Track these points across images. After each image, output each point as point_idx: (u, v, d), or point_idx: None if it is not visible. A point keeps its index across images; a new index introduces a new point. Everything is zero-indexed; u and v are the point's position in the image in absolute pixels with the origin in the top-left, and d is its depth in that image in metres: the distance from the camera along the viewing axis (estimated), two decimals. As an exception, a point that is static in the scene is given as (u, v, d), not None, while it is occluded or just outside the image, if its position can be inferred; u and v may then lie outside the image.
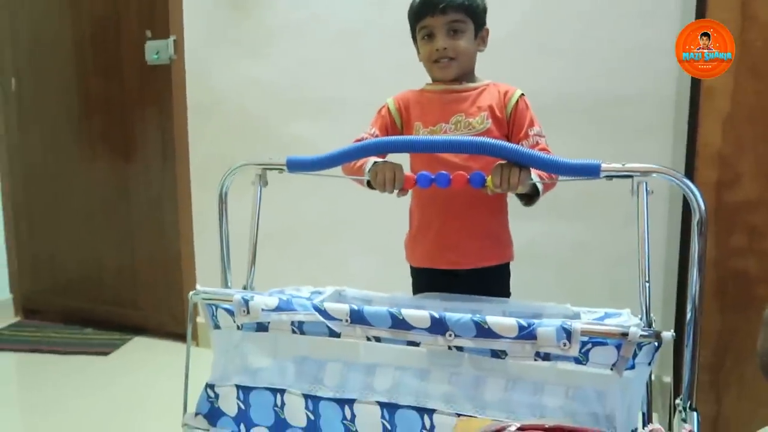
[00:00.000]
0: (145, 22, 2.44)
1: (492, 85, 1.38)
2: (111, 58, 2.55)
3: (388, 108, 1.41)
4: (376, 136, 1.38)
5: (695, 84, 1.63)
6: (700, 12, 1.61)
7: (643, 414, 1.03)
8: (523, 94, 1.36)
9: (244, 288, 1.29)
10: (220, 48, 2.33)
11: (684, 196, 1.04)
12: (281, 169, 1.24)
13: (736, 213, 1.47)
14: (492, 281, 1.40)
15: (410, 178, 1.20)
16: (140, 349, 2.54)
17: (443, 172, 1.15)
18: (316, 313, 0.99)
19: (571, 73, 1.92)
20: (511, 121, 1.34)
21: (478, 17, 1.35)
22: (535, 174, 1.19)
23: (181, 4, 2.34)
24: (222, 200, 1.28)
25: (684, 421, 1.01)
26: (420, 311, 0.95)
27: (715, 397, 1.54)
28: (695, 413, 1.01)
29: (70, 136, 2.69)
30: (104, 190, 2.67)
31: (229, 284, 1.29)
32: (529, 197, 1.28)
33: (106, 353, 2.48)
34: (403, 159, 1.28)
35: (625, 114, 1.88)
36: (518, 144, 1.26)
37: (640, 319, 1.06)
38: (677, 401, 1.04)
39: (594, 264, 1.97)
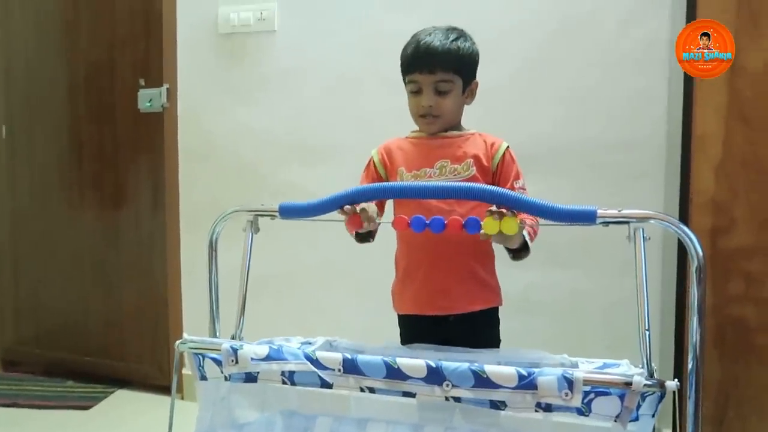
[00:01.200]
0: (139, 71, 2.46)
1: (478, 135, 1.38)
2: (104, 105, 2.55)
3: (373, 161, 1.42)
4: None
5: (686, 131, 1.64)
6: (688, 61, 1.63)
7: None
8: (509, 147, 1.36)
9: (233, 338, 1.26)
10: (214, 95, 2.35)
11: (679, 242, 1.03)
12: (273, 215, 1.22)
13: (732, 260, 1.47)
14: (481, 327, 1.37)
15: (403, 220, 1.18)
16: (123, 403, 2.46)
17: (438, 216, 1.14)
18: (308, 363, 0.96)
19: (564, 120, 1.94)
20: (497, 173, 1.34)
21: (466, 74, 1.36)
22: (527, 234, 1.19)
23: (175, 53, 2.37)
24: (212, 247, 1.26)
25: (689, 476, 0.98)
26: (416, 360, 0.92)
27: (718, 450, 1.50)
28: (700, 467, 0.97)
29: (60, 182, 2.67)
30: (92, 237, 2.63)
31: (218, 334, 1.26)
32: (518, 251, 1.27)
33: (86, 407, 2.39)
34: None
35: (617, 160, 1.89)
36: None
37: (641, 369, 1.04)
38: (681, 455, 1.00)
39: (590, 312, 1.94)
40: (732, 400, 1.47)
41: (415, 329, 1.37)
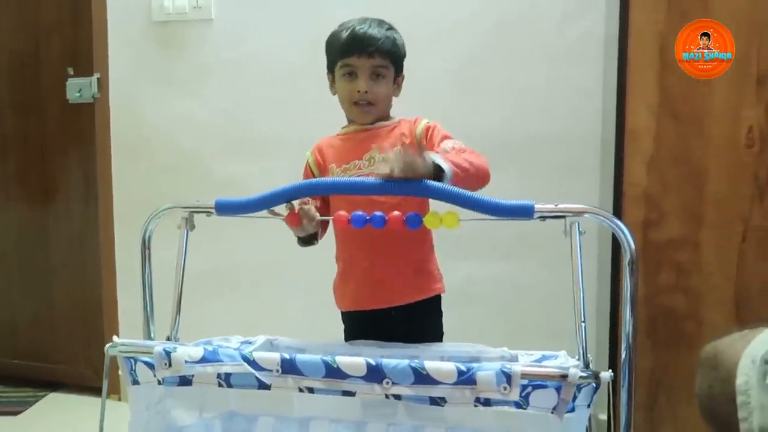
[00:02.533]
0: (68, 59, 2.35)
1: (403, 120, 1.39)
2: (30, 95, 2.43)
3: (308, 162, 1.42)
4: (306, 201, 1.36)
5: (620, 126, 1.69)
6: (622, 57, 1.68)
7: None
8: (429, 121, 1.36)
9: (168, 339, 1.22)
10: (148, 85, 2.26)
11: (613, 235, 1.05)
12: (209, 212, 1.19)
13: (663, 251, 1.52)
14: (424, 317, 1.38)
15: (343, 217, 1.17)
16: (55, 407, 2.36)
17: (378, 213, 1.13)
18: (245, 364, 0.93)
19: (503, 115, 1.96)
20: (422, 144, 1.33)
21: (398, 64, 1.37)
22: (440, 158, 1.13)
23: (106, 41, 2.26)
24: (145, 245, 1.21)
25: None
26: (355, 358, 0.91)
27: (650, 434, 1.56)
28: (634, 453, 1.01)
29: (-18, 176, 2.53)
30: (20, 233, 2.51)
31: (153, 335, 1.21)
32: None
33: (16, 413, 2.29)
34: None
35: (555, 154, 1.93)
36: None
37: (578, 360, 1.06)
38: (615, 441, 1.03)
39: (529, 303, 1.98)
40: (663, 387, 1.53)
41: (358, 325, 1.37)
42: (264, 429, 1.06)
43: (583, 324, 1.05)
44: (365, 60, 1.31)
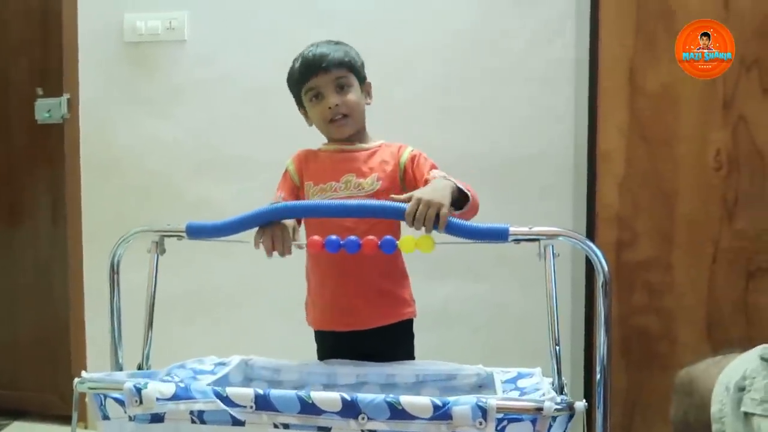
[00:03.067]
0: (36, 79, 2.30)
1: (384, 145, 1.38)
2: (-4, 115, 2.38)
3: (288, 168, 1.41)
4: (285, 200, 1.35)
5: (591, 148, 1.71)
6: (593, 81, 1.71)
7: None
8: (414, 149, 1.36)
9: (139, 367, 1.19)
10: (120, 106, 2.23)
11: (587, 257, 1.06)
12: (180, 236, 1.17)
13: (636, 272, 1.54)
14: (395, 338, 1.36)
15: (317, 242, 1.16)
16: (19, 436, 2.28)
17: (352, 237, 1.12)
18: (218, 401, 0.91)
19: (475, 136, 1.98)
20: (408, 174, 1.32)
21: (358, 72, 1.37)
22: (456, 182, 1.15)
23: (76, 61, 2.23)
24: (114, 270, 1.19)
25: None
26: (330, 393, 0.89)
27: (626, 456, 1.55)
28: (610, 476, 1.00)
29: (-54, 197, 2.46)
30: (-16, 256, 2.43)
31: (121, 361, 1.18)
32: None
33: (-22, 442, 2.20)
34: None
35: (527, 175, 1.94)
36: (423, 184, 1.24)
37: (552, 384, 1.06)
38: (592, 464, 1.03)
39: (504, 323, 1.98)
40: (638, 407, 1.54)
41: (331, 343, 1.35)
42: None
43: (557, 347, 1.05)
44: (324, 76, 1.31)
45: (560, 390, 1.04)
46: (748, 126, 1.46)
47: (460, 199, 1.16)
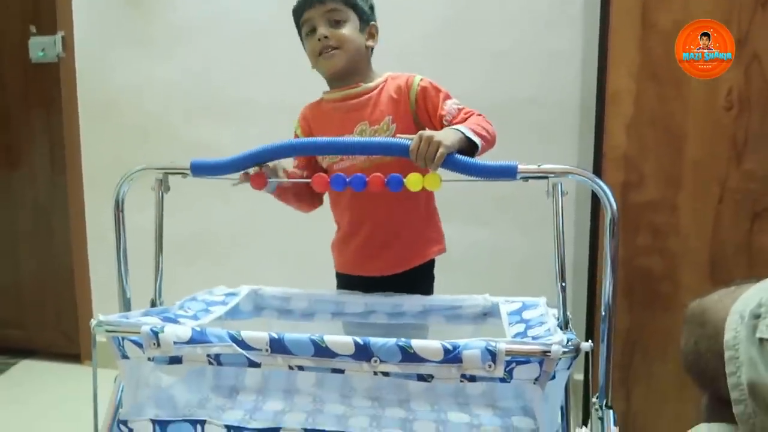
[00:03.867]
0: (29, 17, 2.25)
1: (390, 78, 1.32)
2: (-11, 54, 2.33)
3: (295, 132, 1.37)
4: (296, 165, 1.34)
5: (600, 89, 1.68)
6: (604, 20, 1.66)
7: (562, 411, 1.03)
8: (422, 78, 1.30)
9: (152, 303, 1.20)
10: (116, 46, 2.18)
11: (592, 196, 1.05)
12: (185, 173, 1.15)
13: (641, 213, 1.53)
14: (416, 282, 1.36)
15: (323, 180, 1.15)
16: (28, 374, 2.33)
17: (359, 174, 1.11)
18: (234, 345, 0.92)
19: (481, 79, 1.94)
20: (421, 108, 1.28)
21: (359, 9, 1.30)
22: (468, 130, 1.13)
23: (70, -2, 2.17)
24: (118, 208, 1.18)
25: (600, 419, 1.03)
26: (343, 337, 0.90)
27: (624, 393, 1.59)
28: (611, 411, 1.03)
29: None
30: (-18, 199, 2.43)
31: (128, 295, 1.19)
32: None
33: (-13, 380, 2.25)
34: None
35: (533, 117, 1.92)
36: (440, 124, 1.23)
37: (557, 318, 1.07)
38: (593, 399, 1.06)
39: (508, 266, 1.99)
40: (638, 346, 1.56)
41: (353, 286, 1.35)
42: (254, 376, 1.08)
43: (563, 284, 1.06)
44: (318, 8, 1.27)
45: (565, 325, 1.05)
46: (761, 64, 1.42)
47: (472, 148, 1.14)
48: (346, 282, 1.38)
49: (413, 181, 1.10)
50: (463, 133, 1.12)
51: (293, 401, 1.14)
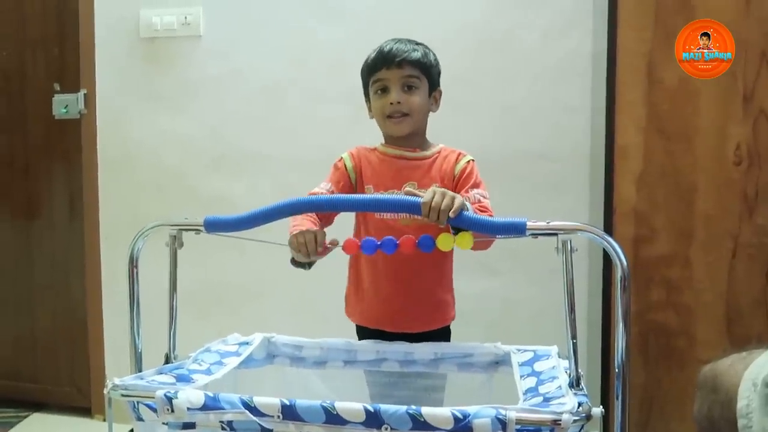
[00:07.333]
0: (54, 75, 2.32)
1: (443, 150, 1.36)
2: (14, 111, 2.39)
3: (344, 163, 1.36)
4: (332, 191, 1.32)
5: (609, 143, 1.69)
6: (611, 74, 1.69)
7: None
8: (472, 160, 1.35)
9: (167, 358, 1.20)
10: (136, 102, 2.24)
11: (604, 251, 1.05)
12: (198, 230, 1.17)
13: (654, 267, 1.52)
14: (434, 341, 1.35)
15: (353, 243, 1.15)
16: (39, 427, 2.30)
17: (389, 237, 1.13)
18: (246, 411, 0.93)
19: (490, 131, 1.96)
20: (458, 182, 1.32)
21: (432, 76, 1.34)
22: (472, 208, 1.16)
23: (93, 57, 2.25)
24: (132, 264, 1.20)
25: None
26: (354, 404, 0.90)
27: (643, 452, 1.54)
28: (628, 472, 1.00)
29: (-35, 192, 2.48)
30: (2, 251, 2.46)
31: (140, 350, 1.20)
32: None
33: (-2, 434, 2.23)
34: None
35: (543, 170, 1.93)
36: None
37: (568, 374, 1.05)
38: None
39: (520, 319, 1.97)
40: (655, 404, 1.52)
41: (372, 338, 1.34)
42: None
43: (574, 341, 1.04)
44: (394, 71, 1.29)
45: (577, 382, 1.03)
46: (768, 120, 1.44)
47: None
48: (365, 334, 1.38)
49: (444, 241, 1.11)
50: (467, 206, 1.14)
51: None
